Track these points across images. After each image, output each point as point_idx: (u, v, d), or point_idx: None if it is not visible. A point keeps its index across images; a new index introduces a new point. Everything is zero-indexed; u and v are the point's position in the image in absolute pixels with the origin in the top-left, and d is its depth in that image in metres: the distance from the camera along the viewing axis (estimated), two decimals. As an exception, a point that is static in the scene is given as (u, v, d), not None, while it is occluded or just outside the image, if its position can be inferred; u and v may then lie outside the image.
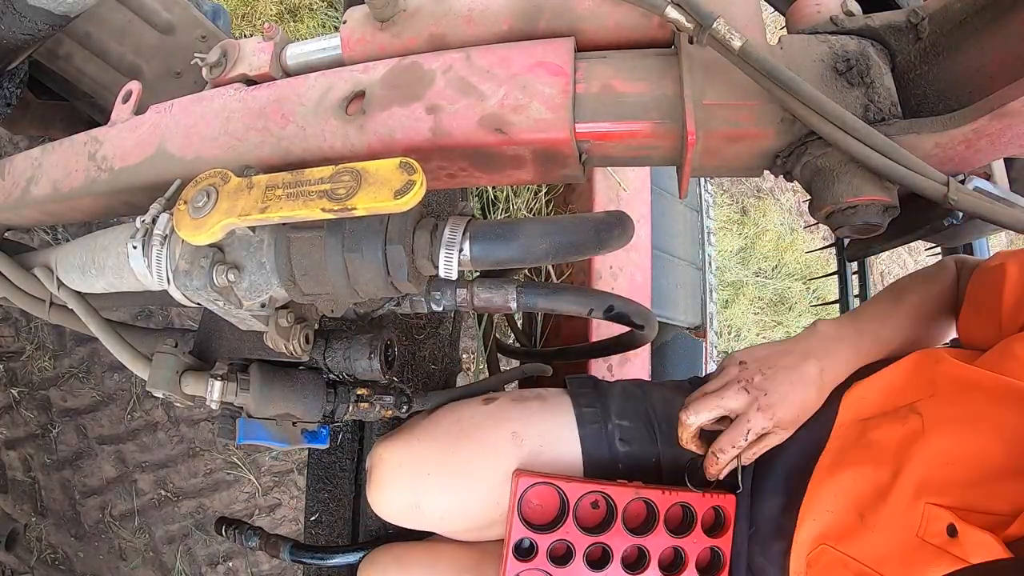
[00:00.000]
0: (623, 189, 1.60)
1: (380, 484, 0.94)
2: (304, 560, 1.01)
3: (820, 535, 0.78)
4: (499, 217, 1.86)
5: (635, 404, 0.96)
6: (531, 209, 1.85)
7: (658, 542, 0.89)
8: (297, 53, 0.79)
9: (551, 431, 0.93)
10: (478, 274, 0.91)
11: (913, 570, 0.64)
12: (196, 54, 0.83)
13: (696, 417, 0.80)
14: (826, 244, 2.78)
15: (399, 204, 0.54)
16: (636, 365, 1.54)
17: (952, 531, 0.61)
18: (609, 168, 1.59)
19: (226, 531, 1.01)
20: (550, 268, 1.65)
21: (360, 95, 0.70)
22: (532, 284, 0.86)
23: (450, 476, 0.91)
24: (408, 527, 0.97)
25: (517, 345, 1.67)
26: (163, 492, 1.96)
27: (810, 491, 0.80)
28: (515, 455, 0.91)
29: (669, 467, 0.93)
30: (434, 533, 0.99)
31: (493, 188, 1.85)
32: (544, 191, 1.83)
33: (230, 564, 1.99)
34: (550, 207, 1.83)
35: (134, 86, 0.84)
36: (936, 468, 0.66)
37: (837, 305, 1.45)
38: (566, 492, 0.88)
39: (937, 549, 0.62)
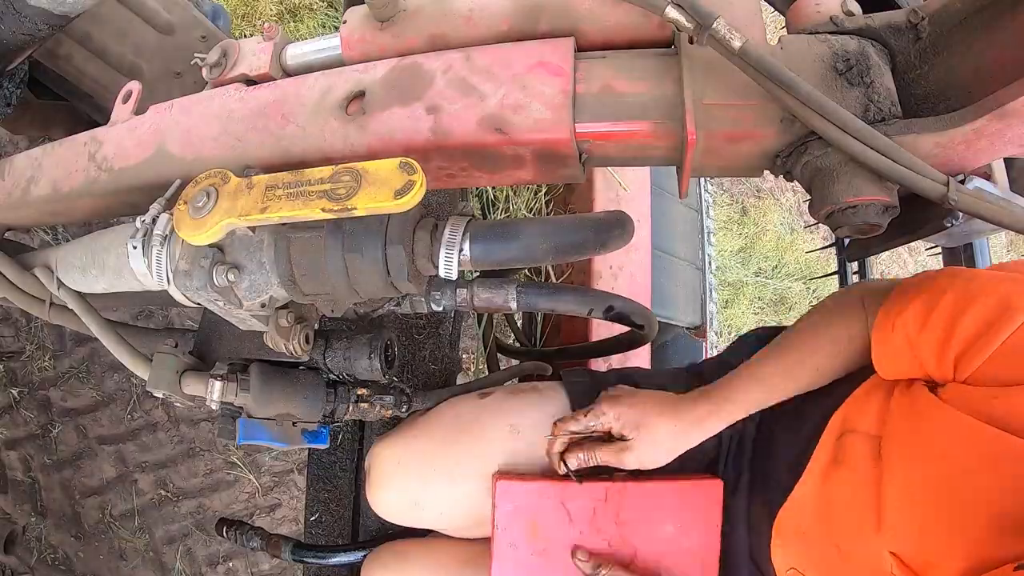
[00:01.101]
0: (623, 189, 1.60)
1: (379, 482, 0.94)
2: (306, 560, 1.01)
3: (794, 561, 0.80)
4: (499, 217, 1.86)
5: None
6: (531, 209, 1.85)
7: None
8: (297, 53, 0.79)
9: (547, 421, 0.93)
10: (478, 274, 0.91)
11: None
12: (196, 54, 0.83)
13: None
14: (826, 244, 2.78)
15: (399, 204, 0.54)
16: (636, 365, 1.54)
17: None
18: (609, 168, 1.59)
19: (227, 532, 1.02)
20: (550, 268, 1.65)
21: (360, 95, 0.70)
22: (532, 284, 0.86)
23: (449, 472, 0.91)
24: (407, 525, 0.97)
25: (517, 345, 1.67)
26: (163, 492, 1.96)
27: (787, 509, 0.82)
28: (513, 448, 0.91)
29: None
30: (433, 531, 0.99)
31: (493, 188, 1.85)
32: (544, 191, 1.83)
33: (230, 564, 1.99)
34: (550, 207, 1.82)
35: (134, 86, 0.84)
36: (900, 513, 0.66)
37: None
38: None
39: None
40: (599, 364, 1.48)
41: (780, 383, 0.82)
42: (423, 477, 0.92)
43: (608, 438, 0.87)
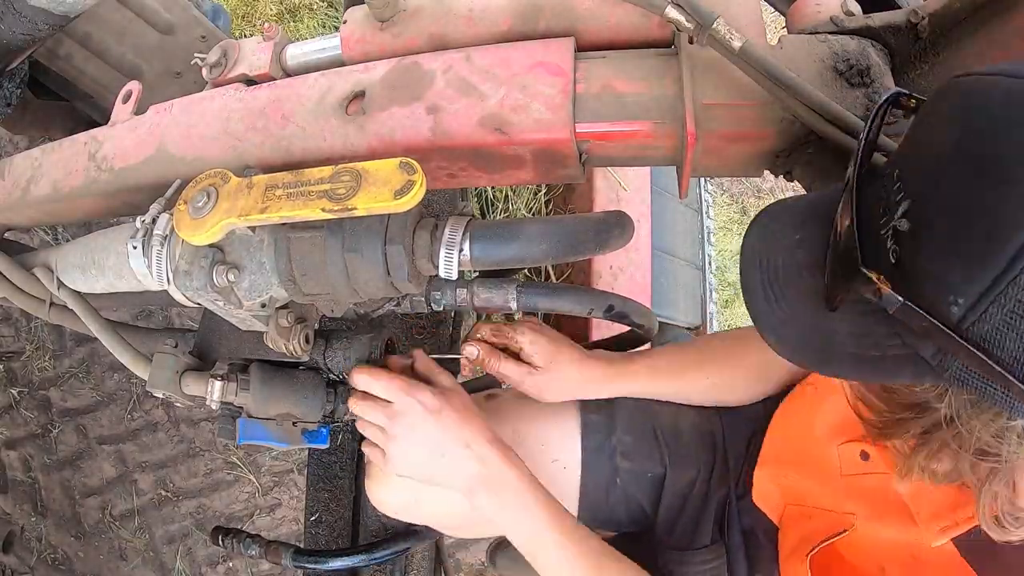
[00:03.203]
0: (623, 189, 1.60)
1: (380, 477, 0.94)
2: (307, 566, 1.01)
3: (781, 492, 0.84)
4: (499, 217, 1.86)
5: (642, 419, 0.95)
6: (531, 209, 1.85)
7: None
8: (297, 53, 0.79)
9: (553, 432, 0.93)
10: (478, 274, 0.91)
11: (849, 502, 0.70)
12: (196, 54, 0.83)
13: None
14: (826, 244, 2.76)
15: (399, 204, 0.54)
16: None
17: (864, 456, 0.68)
18: (609, 168, 1.59)
19: (223, 541, 1.01)
20: (550, 268, 1.65)
21: (360, 95, 0.70)
22: (532, 284, 0.85)
23: None
24: (407, 520, 0.97)
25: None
26: (163, 492, 1.96)
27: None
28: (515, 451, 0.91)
29: (669, 486, 0.93)
30: None
31: (493, 188, 1.85)
32: (544, 191, 1.83)
33: (230, 564, 1.98)
34: (550, 207, 1.82)
35: (134, 86, 0.84)
36: (836, 415, 0.74)
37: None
38: None
39: (858, 476, 0.69)
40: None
41: (672, 379, 0.91)
42: None
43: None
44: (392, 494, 0.93)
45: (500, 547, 1.21)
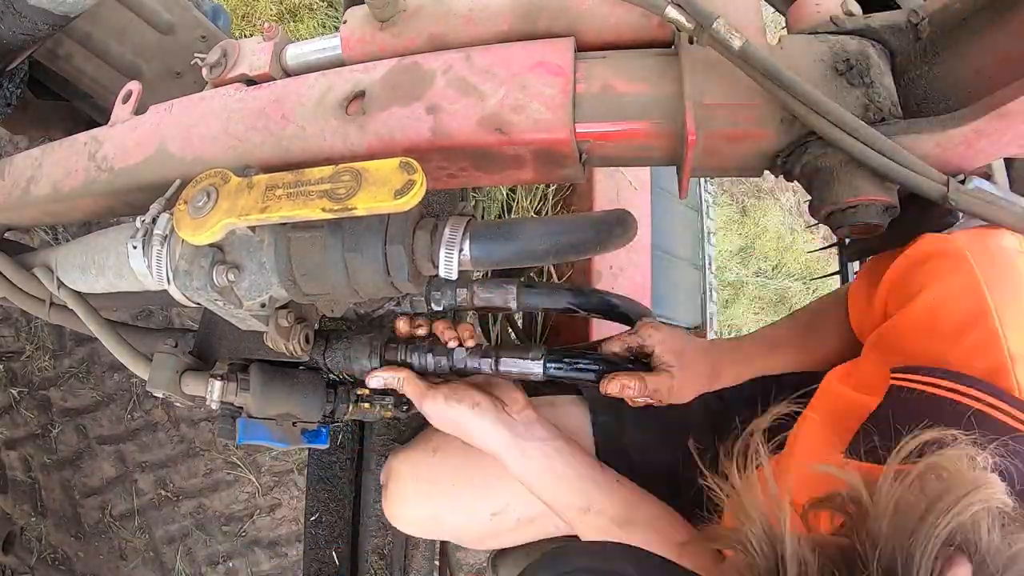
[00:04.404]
0: (635, 188, 1.60)
1: (397, 498, 0.94)
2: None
3: None
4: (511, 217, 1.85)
5: (653, 412, 0.95)
6: (538, 211, 1.84)
7: None
8: (297, 53, 0.79)
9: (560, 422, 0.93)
10: (481, 274, 0.91)
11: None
12: (196, 54, 0.83)
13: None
14: (826, 244, 2.77)
15: (399, 204, 0.55)
16: (636, 365, 1.54)
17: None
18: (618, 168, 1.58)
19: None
20: (550, 268, 1.65)
21: (360, 95, 0.70)
22: (532, 284, 0.85)
23: (467, 488, 0.91)
24: (426, 537, 0.97)
25: (517, 344, 1.66)
26: (163, 492, 1.96)
27: None
28: None
29: (684, 477, 0.92)
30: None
31: (507, 192, 1.84)
32: (551, 190, 1.83)
33: (230, 564, 1.98)
34: (558, 208, 1.82)
35: (134, 86, 0.84)
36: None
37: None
38: None
39: None
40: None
41: (789, 352, 0.87)
42: (442, 493, 0.91)
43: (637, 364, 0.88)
44: (410, 515, 0.94)
45: (502, 555, 1.21)
